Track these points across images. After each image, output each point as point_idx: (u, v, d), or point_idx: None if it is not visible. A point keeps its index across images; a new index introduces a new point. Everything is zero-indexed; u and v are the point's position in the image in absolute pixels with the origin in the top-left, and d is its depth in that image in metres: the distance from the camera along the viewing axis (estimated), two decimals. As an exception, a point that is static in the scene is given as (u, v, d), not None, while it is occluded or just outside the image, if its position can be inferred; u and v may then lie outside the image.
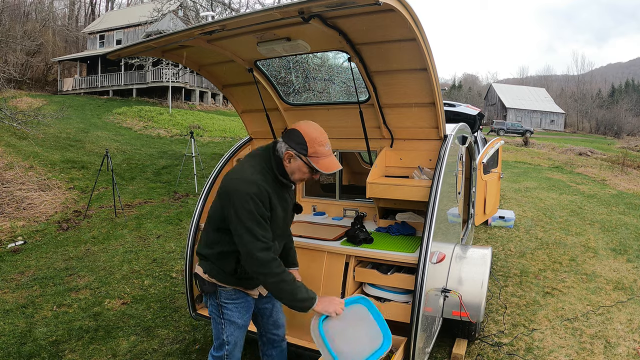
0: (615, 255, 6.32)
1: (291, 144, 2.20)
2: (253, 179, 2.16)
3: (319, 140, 2.20)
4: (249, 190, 2.13)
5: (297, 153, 2.20)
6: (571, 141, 35.16)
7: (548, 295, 4.92)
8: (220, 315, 2.43)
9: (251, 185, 2.15)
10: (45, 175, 10.29)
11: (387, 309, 2.93)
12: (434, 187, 2.88)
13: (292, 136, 2.21)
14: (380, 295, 3.00)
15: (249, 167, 2.24)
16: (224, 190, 2.22)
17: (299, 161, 2.22)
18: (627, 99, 67.42)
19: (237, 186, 2.16)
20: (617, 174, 14.93)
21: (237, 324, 2.46)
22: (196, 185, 10.68)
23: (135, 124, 21.38)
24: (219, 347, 2.48)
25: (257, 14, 2.01)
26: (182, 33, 2.34)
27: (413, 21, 2.23)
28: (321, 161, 2.21)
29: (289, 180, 2.30)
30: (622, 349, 3.81)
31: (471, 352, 3.74)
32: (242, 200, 2.12)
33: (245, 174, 2.20)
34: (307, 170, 2.24)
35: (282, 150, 2.24)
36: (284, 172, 2.27)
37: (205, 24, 2.16)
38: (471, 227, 5.38)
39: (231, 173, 2.29)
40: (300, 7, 1.93)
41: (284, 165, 2.26)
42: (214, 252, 2.35)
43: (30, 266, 5.99)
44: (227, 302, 2.41)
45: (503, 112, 63.33)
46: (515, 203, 9.68)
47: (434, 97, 3.04)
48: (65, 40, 38.37)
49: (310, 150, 2.18)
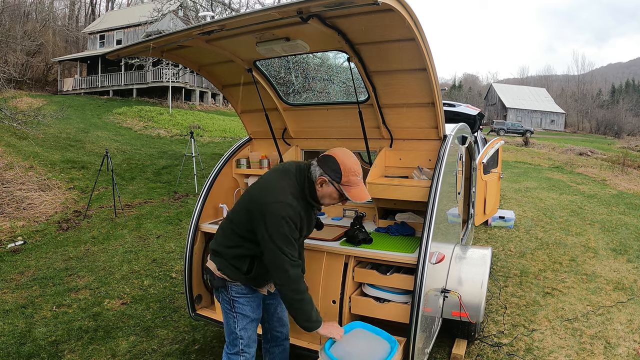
0: (615, 256, 6.31)
1: (326, 170, 2.29)
2: (290, 203, 2.24)
3: (354, 170, 2.29)
4: (285, 214, 2.21)
5: (331, 180, 2.29)
6: (571, 141, 35.14)
7: (548, 295, 4.91)
8: (232, 309, 2.48)
9: (288, 209, 2.22)
10: (45, 176, 10.29)
11: (386, 310, 2.92)
12: (434, 187, 2.88)
13: (328, 163, 2.30)
14: (379, 295, 3.00)
15: (286, 188, 2.29)
16: (259, 209, 2.26)
17: (331, 187, 2.31)
18: (628, 99, 67.36)
19: (273, 209, 2.22)
20: (618, 174, 14.92)
21: (249, 317, 2.51)
22: (196, 185, 10.67)
23: (135, 124, 21.38)
24: (233, 342, 2.51)
25: (256, 14, 2.01)
26: (181, 33, 2.34)
27: (412, 21, 2.23)
28: (352, 190, 2.30)
29: (318, 203, 2.40)
30: (622, 350, 3.80)
31: (471, 353, 3.73)
32: (277, 223, 2.20)
33: (282, 197, 2.25)
34: (337, 196, 2.35)
35: (315, 174, 2.32)
36: (314, 196, 2.36)
37: (204, 24, 2.16)
38: (471, 227, 5.37)
39: (267, 191, 2.31)
40: (298, 7, 1.93)
41: (317, 189, 2.34)
42: (231, 253, 2.41)
43: (30, 266, 5.99)
44: (238, 296, 2.47)
45: (503, 112, 63.29)
46: (516, 203, 9.67)
47: (433, 97, 3.03)
48: (66, 40, 38.36)
49: (344, 179, 2.28)
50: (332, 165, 2.28)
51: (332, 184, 2.29)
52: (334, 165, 2.28)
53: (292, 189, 2.31)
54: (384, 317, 2.91)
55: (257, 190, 2.36)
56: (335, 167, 2.27)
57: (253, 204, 2.31)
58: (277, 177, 2.37)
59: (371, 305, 2.95)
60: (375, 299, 2.98)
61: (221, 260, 2.44)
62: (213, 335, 4.04)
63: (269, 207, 2.22)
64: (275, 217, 2.20)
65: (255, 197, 2.33)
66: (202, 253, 3.63)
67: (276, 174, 2.40)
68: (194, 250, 3.54)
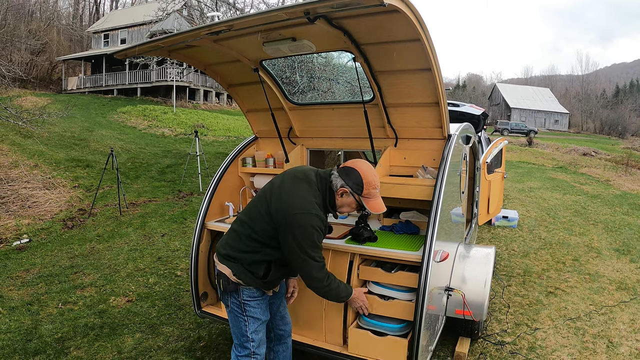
0: (618, 256, 6.32)
1: (348, 182, 2.40)
2: (317, 214, 2.34)
3: (374, 184, 2.43)
4: (315, 224, 2.32)
5: (352, 191, 2.41)
6: (575, 141, 35.05)
7: (551, 294, 4.93)
8: (243, 312, 2.50)
9: (317, 220, 2.33)
10: (50, 174, 10.35)
11: (390, 307, 2.95)
12: (438, 186, 2.90)
13: (351, 175, 2.41)
14: (384, 293, 3.02)
15: (312, 198, 2.37)
16: (286, 219, 2.32)
17: (351, 198, 2.44)
18: (632, 99, 67.18)
19: (303, 220, 2.31)
20: (621, 174, 14.89)
21: (260, 320, 2.54)
22: (200, 184, 10.72)
23: (139, 123, 21.47)
24: (243, 345, 2.52)
25: (264, 15, 2.04)
26: (189, 33, 2.37)
27: (417, 22, 2.25)
28: (371, 202, 2.44)
29: (335, 211, 2.53)
30: (624, 349, 3.81)
31: (474, 351, 3.75)
32: (308, 233, 2.30)
33: (310, 207, 2.34)
34: (355, 206, 2.48)
35: (337, 185, 2.42)
36: (334, 205, 2.49)
37: (212, 24, 2.19)
38: (475, 227, 5.38)
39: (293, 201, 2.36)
40: (305, 8, 1.96)
41: (336, 198, 2.46)
42: (248, 258, 2.45)
43: (36, 264, 6.04)
44: (250, 299, 2.49)
45: (507, 112, 63.18)
46: (519, 203, 9.69)
47: (438, 97, 3.05)
48: (70, 39, 38.50)
49: (365, 192, 2.41)
50: (355, 178, 2.39)
51: (353, 195, 2.41)
52: (357, 179, 2.39)
53: (316, 198, 2.40)
54: (389, 314, 2.93)
55: (282, 199, 2.39)
56: (357, 181, 2.39)
57: (278, 213, 2.36)
58: (301, 186, 2.42)
59: (376, 302, 2.98)
60: (380, 297, 3.00)
61: (237, 266, 2.45)
62: (218, 333, 4.08)
63: (298, 218, 2.30)
64: (304, 227, 2.29)
65: (281, 206, 2.37)
66: (208, 251, 3.66)
67: (299, 183, 2.44)
68: (200, 248, 3.57)
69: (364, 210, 2.49)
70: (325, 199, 2.44)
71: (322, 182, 2.46)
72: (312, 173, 2.50)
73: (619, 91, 78.90)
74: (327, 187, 2.45)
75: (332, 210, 2.50)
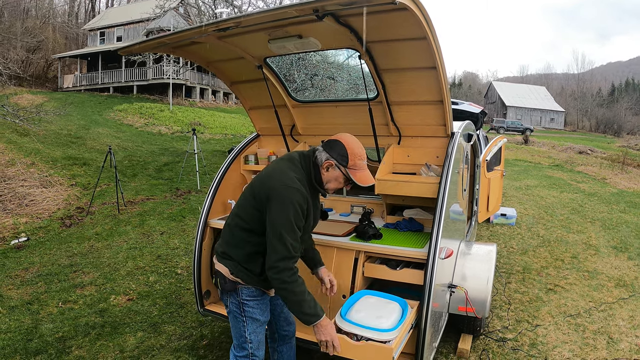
0: (616, 253, 6.35)
1: (332, 154, 2.32)
2: (297, 188, 2.23)
3: (359, 154, 2.33)
4: (293, 198, 2.20)
5: (338, 163, 2.31)
6: (571, 139, 35.21)
7: (551, 291, 4.95)
8: (241, 313, 2.43)
9: (296, 194, 2.21)
10: (47, 172, 10.31)
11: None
12: (443, 183, 2.91)
13: (335, 147, 2.33)
14: (356, 332, 2.53)
15: (292, 173, 2.28)
16: (265, 193, 2.24)
17: (337, 171, 2.34)
18: (627, 98, 67.50)
19: (280, 192, 2.20)
20: (617, 172, 14.97)
21: (259, 321, 2.47)
22: (198, 182, 10.70)
23: (136, 120, 21.40)
24: (241, 346, 2.47)
25: (273, 12, 2.03)
26: (196, 30, 2.36)
27: (425, 20, 2.25)
28: (358, 174, 2.33)
29: (323, 188, 2.39)
30: (624, 345, 3.84)
31: (476, 347, 3.77)
32: (285, 208, 2.18)
33: (289, 181, 2.23)
34: (342, 180, 2.37)
35: (321, 159, 2.34)
36: (320, 181, 2.38)
37: (219, 20, 2.18)
38: (474, 224, 5.40)
39: (272, 177, 2.29)
40: (315, 6, 1.96)
41: (322, 173, 2.35)
42: (242, 253, 2.36)
43: (35, 263, 6.01)
44: (249, 299, 2.42)
45: (503, 110, 63.36)
46: (517, 201, 9.72)
47: (442, 95, 3.06)
48: (66, 37, 38.27)
49: (350, 163, 2.31)
50: (339, 149, 2.31)
51: (339, 167, 2.32)
52: (341, 150, 2.30)
53: (297, 174, 2.30)
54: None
55: (261, 178, 2.33)
56: (342, 152, 2.30)
57: (260, 191, 2.28)
58: (281, 164, 2.37)
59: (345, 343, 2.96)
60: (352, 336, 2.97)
61: (234, 264, 2.39)
62: (221, 331, 4.07)
63: (276, 192, 2.21)
64: (282, 201, 2.19)
65: (261, 184, 2.30)
66: (211, 249, 3.66)
67: (281, 161, 2.40)
68: (203, 246, 3.57)
69: (352, 183, 2.37)
70: (310, 175, 2.35)
71: (305, 159, 2.39)
72: (297, 153, 2.44)
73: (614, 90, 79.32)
74: (312, 163, 2.37)
75: (318, 187, 2.38)
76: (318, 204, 2.49)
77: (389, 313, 2.52)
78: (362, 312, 2.52)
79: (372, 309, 2.55)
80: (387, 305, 2.59)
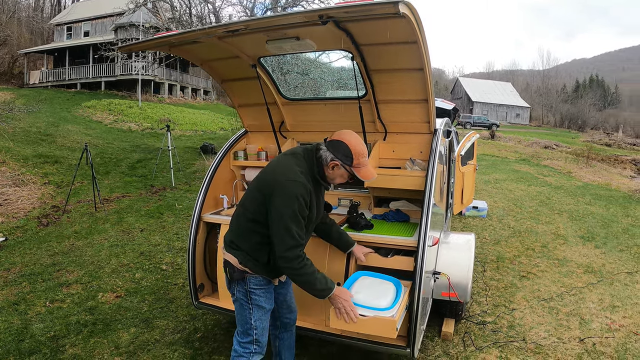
0: (583, 242, 6.74)
1: (338, 155, 2.44)
2: (301, 182, 2.36)
3: (362, 152, 2.47)
4: (297, 191, 2.32)
5: (343, 164, 2.45)
6: (537, 134, 36.38)
7: (524, 278, 5.25)
8: (248, 301, 2.56)
9: (299, 187, 2.34)
10: (19, 171, 10.08)
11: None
12: (429, 177, 3.10)
13: (339, 148, 2.45)
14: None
15: (295, 167, 2.41)
16: (270, 186, 2.37)
17: (342, 170, 2.48)
18: (591, 94, 70.12)
19: (285, 188, 2.33)
20: (582, 166, 15.65)
21: (264, 309, 2.60)
22: (172, 178, 10.66)
23: (105, 117, 21.01)
24: (246, 332, 2.59)
25: (282, 17, 2.16)
26: (205, 30, 2.45)
27: (417, 26, 2.42)
28: (362, 171, 2.48)
29: (326, 181, 2.54)
30: (595, 325, 4.15)
31: (459, 330, 4.00)
32: (288, 200, 2.31)
33: (293, 175, 2.36)
34: (347, 177, 2.52)
35: (327, 159, 2.46)
36: (322, 174, 2.51)
37: (230, 23, 2.29)
38: (450, 216, 5.65)
39: (277, 171, 2.42)
40: (321, 13, 2.09)
41: (326, 171, 2.48)
42: (250, 244, 2.49)
43: (16, 263, 5.93)
44: (256, 288, 2.55)
45: (469, 105, 64.73)
46: (486, 194, 10.08)
47: (427, 95, 3.25)
48: (31, 31, 37.03)
49: (355, 162, 2.45)
50: (344, 150, 2.43)
51: (344, 167, 2.46)
52: (345, 150, 2.43)
53: (301, 167, 2.42)
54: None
55: (267, 172, 2.47)
56: (347, 153, 2.43)
57: (264, 185, 2.41)
58: (285, 159, 2.50)
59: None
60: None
61: (242, 254, 2.50)
62: (214, 324, 4.17)
63: (280, 186, 2.33)
64: (286, 195, 2.31)
65: (266, 178, 2.43)
66: (204, 243, 3.76)
67: (285, 156, 2.53)
68: (197, 241, 3.66)
69: (357, 179, 2.52)
70: (312, 169, 2.46)
71: (308, 153, 2.50)
72: (300, 148, 2.57)
73: (579, 86, 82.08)
74: (314, 157, 2.48)
75: (322, 181, 2.51)
76: (322, 195, 2.63)
77: (385, 292, 2.73)
78: (361, 292, 2.72)
79: (370, 289, 2.77)
80: (382, 285, 2.81)
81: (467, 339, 3.85)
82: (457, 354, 3.64)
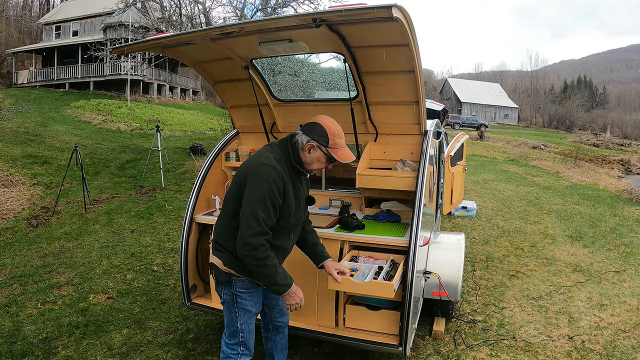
0: (572, 242, 6.84)
1: (313, 136, 2.41)
2: (273, 166, 2.32)
3: (338, 133, 2.44)
4: (267, 174, 2.29)
5: (319, 144, 2.41)
6: (525, 135, 36.71)
7: (513, 277, 5.32)
8: (234, 304, 2.54)
9: (269, 170, 2.30)
10: (8, 171, 9.99)
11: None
12: (420, 177, 3.14)
13: (314, 129, 2.42)
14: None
15: (269, 154, 2.39)
16: (242, 173, 2.37)
17: (319, 152, 2.43)
18: (579, 95, 70.83)
19: (255, 169, 2.32)
20: (570, 166, 15.84)
21: (250, 312, 2.58)
22: (162, 179, 10.63)
23: (94, 117, 20.86)
24: (233, 334, 2.59)
25: (276, 20, 2.18)
26: (199, 32, 2.47)
27: (409, 29, 2.46)
28: (339, 152, 2.44)
29: (304, 168, 2.49)
30: (584, 322, 4.23)
31: (449, 329, 4.05)
32: (258, 182, 2.28)
33: (264, 159, 2.34)
34: (325, 160, 2.46)
35: (302, 142, 2.42)
36: (300, 161, 2.46)
37: (224, 25, 2.31)
38: (440, 216, 5.71)
39: (250, 159, 2.43)
40: (315, 16, 2.12)
41: (302, 155, 2.44)
42: (233, 242, 2.41)
43: (6, 264, 5.88)
44: (242, 291, 2.53)
45: (458, 106, 65.09)
46: (475, 194, 10.19)
47: (418, 96, 3.29)
48: (19, 31, 36.59)
49: (331, 142, 2.41)
50: (319, 131, 2.41)
51: (320, 148, 2.41)
52: (321, 131, 2.40)
53: (274, 154, 2.40)
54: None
55: (242, 165, 2.47)
56: (322, 133, 2.40)
57: (238, 174, 2.41)
58: (261, 149, 2.49)
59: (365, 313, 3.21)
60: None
61: (226, 255, 2.47)
62: (206, 324, 4.18)
63: (252, 170, 2.32)
64: (256, 177, 2.28)
65: (241, 169, 2.43)
66: (197, 243, 3.77)
67: (262, 148, 2.52)
68: (189, 241, 3.67)
69: (334, 162, 2.48)
70: (288, 155, 2.43)
71: (283, 142, 2.48)
72: (277, 140, 2.56)
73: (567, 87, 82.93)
74: (290, 144, 2.45)
75: (298, 166, 2.46)
76: (302, 187, 2.58)
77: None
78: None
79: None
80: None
81: (458, 338, 3.90)
82: (448, 353, 3.68)
